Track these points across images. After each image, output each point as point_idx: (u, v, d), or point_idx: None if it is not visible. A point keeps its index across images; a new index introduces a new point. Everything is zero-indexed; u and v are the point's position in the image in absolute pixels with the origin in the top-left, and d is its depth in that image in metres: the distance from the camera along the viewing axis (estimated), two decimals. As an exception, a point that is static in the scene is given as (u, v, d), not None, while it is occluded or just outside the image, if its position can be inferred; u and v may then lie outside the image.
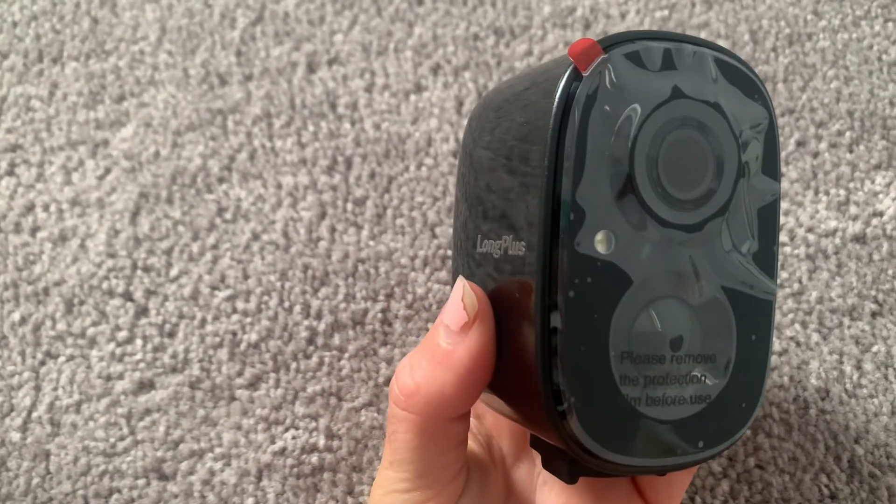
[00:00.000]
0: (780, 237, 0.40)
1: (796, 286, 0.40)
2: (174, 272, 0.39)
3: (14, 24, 0.42)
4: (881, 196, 0.41)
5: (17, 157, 0.40)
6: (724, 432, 0.25)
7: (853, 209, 0.41)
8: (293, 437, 0.38)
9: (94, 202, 0.40)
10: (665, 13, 0.44)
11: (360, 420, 0.38)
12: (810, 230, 0.41)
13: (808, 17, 0.44)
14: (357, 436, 0.38)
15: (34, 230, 0.39)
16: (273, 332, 0.39)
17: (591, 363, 0.23)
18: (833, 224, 0.41)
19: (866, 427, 0.39)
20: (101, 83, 0.41)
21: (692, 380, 0.24)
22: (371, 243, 0.40)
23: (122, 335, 0.38)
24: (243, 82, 0.42)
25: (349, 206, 0.40)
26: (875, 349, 0.40)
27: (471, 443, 0.31)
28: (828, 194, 0.41)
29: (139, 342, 0.38)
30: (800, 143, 0.42)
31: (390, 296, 0.39)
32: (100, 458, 0.37)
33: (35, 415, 0.38)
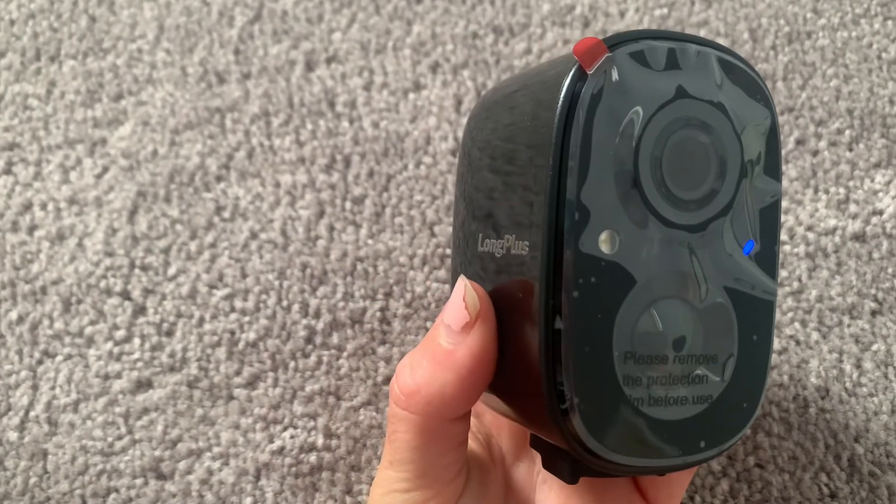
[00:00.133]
0: (780, 235, 0.40)
1: (796, 285, 0.40)
2: (172, 271, 0.39)
3: (11, 23, 0.42)
4: (881, 194, 0.41)
5: (14, 155, 0.40)
6: (725, 432, 0.25)
7: (853, 207, 0.41)
8: (291, 437, 0.38)
9: (91, 201, 0.40)
10: (664, 11, 0.43)
11: (358, 419, 0.38)
12: (810, 228, 0.41)
13: (808, 16, 0.44)
14: (356, 435, 0.38)
15: (32, 229, 0.39)
16: (271, 331, 0.38)
17: (595, 363, 0.23)
18: (833, 222, 0.41)
19: (866, 426, 0.39)
20: (98, 81, 0.41)
21: (694, 380, 0.24)
22: (370, 242, 0.40)
23: (120, 334, 0.38)
24: (241, 81, 0.41)
25: (348, 204, 0.40)
26: (875, 348, 0.40)
27: (470, 442, 0.31)
28: (827, 193, 0.41)
29: (137, 341, 0.38)
30: (799, 142, 0.42)
31: (389, 294, 0.39)
32: (97, 457, 0.37)
33: (32, 414, 0.37)
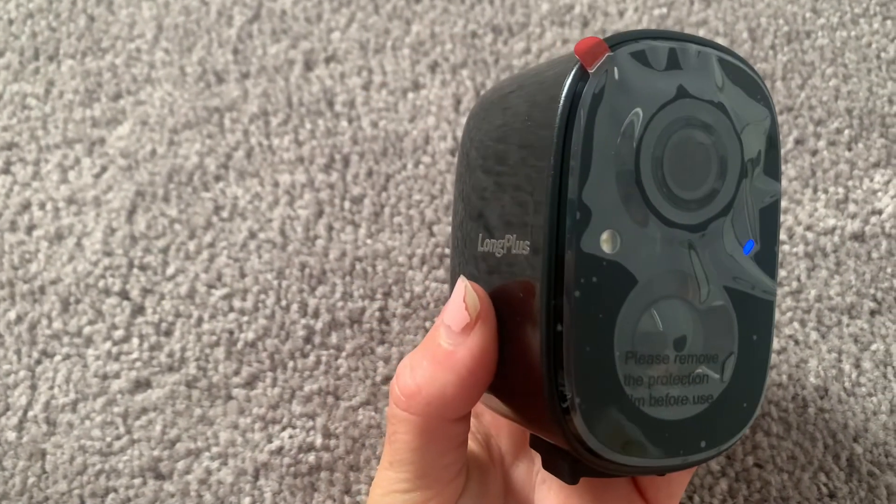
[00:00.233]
0: (780, 235, 0.40)
1: (795, 284, 0.40)
2: (171, 270, 0.39)
3: (10, 22, 0.42)
4: (880, 194, 0.41)
5: (12, 155, 0.40)
6: (725, 432, 0.25)
7: (852, 207, 0.41)
8: (290, 436, 0.38)
9: (90, 200, 0.40)
10: (663, 11, 0.43)
11: (357, 419, 0.38)
12: (809, 228, 0.41)
13: (807, 15, 0.44)
14: (354, 435, 0.38)
15: (30, 228, 0.39)
16: (270, 331, 0.38)
17: (596, 363, 0.23)
18: (832, 222, 0.41)
19: (865, 425, 0.39)
20: (97, 81, 0.41)
21: (695, 380, 0.24)
22: (368, 241, 0.40)
23: (119, 334, 0.38)
24: (240, 80, 0.41)
25: (346, 204, 0.40)
26: (874, 347, 0.40)
27: (470, 442, 0.31)
28: (826, 192, 0.41)
29: (135, 341, 0.38)
30: (798, 141, 0.42)
31: (388, 294, 0.39)
32: (96, 457, 0.37)
33: (31, 414, 0.37)
